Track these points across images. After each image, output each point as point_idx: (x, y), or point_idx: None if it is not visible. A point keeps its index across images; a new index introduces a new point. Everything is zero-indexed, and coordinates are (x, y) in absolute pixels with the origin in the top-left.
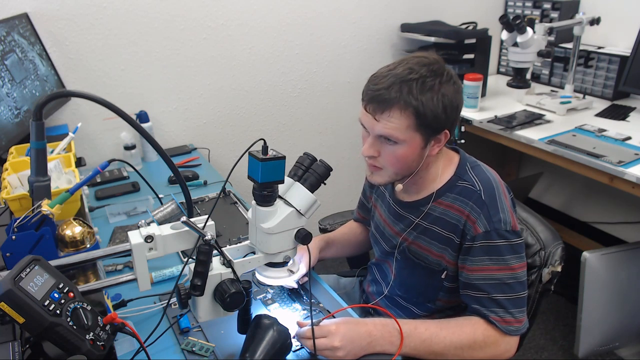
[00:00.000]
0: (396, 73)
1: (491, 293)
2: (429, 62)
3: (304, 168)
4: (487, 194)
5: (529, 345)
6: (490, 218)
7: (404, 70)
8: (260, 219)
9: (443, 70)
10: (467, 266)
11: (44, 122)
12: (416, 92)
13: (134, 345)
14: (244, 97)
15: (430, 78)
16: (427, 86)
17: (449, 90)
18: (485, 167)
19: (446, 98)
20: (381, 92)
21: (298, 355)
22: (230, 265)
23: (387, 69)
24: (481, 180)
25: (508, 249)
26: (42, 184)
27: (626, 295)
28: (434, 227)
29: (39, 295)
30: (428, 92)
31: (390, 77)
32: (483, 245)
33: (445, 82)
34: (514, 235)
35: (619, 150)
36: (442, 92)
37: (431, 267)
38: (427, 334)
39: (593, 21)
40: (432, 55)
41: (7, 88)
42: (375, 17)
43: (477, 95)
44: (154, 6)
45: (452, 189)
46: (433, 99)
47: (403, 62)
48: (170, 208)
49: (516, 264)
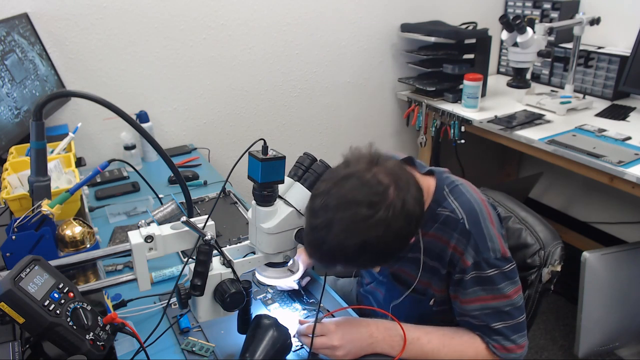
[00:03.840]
0: (331, 240)
1: (490, 323)
2: (369, 214)
3: (304, 168)
4: (471, 223)
5: (529, 345)
6: (478, 248)
7: (337, 236)
8: (260, 219)
9: (386, 213)
10: (460, 298)
11: (44, 122)
12: (356, 256)
13: (134, 345)
14: (244, 97)
15: (369, 236)
16: (368, 246)
17: (395, 231)
18: (464, 185)
19: (394, 243)
20: (319, 258)
21: (298, 355)
22: (230, 265)
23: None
24: (462, 205)
25: (501, 277)
26: (42, 184)
27: (626, 295)
28: (419, 256)
29: (39, 295)
30: (369, 251)
31: (326, 245)
32: (474, 276)
33: (390, 227)
34: (505, 262)
35: (619, 150)
36: (385, 241)
37: (418, 294)
38: (429, 347)
39: (593, 21)
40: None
41: (7, 88)
42: (375, 17)
43: (477, 95)
44: (154, 6)
45: (434, 217)
46: (375, 254)
47: (338, 220)
48: (170, 208)
49: (511, 290)
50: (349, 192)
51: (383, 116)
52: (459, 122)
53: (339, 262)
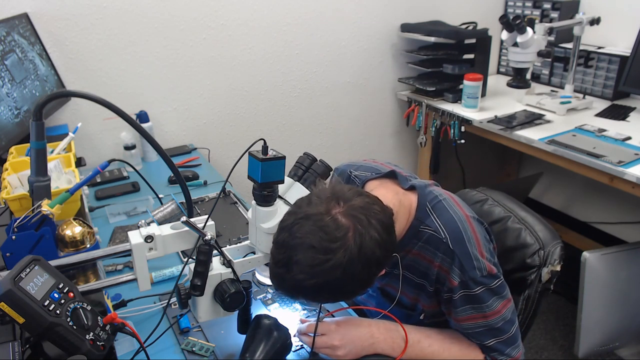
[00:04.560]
0: (292, 281)
1: (483, 341)
2: (326, 259)
3: (304, 168)
4: (454, 242)
5: (529, 345)
6: (463, 268)
7: (297, 279)
8: (260, 219)
9: (345, 255)
10: (453, 315)
11: (44, 122)
12: (320, 294)
13: (134, 345)
14: (244, 97)
15: (329, 279)
16: (331, 286)
17: (358, 271)
18: (447, 200)
19: (359, 278)
20: (285, 294)
21: (298, 355)
22: (230, 265)
23: (283, 265)
24: (445, 224)
25: (488, 294)
26: (42, 184)
27: (626, 295)
28: (404, 272)
29: (39, 296)
30: (333, 290)
31: (288, 286)
32: (463, 295)
33: (350, 267)
34: (492, 278)
35: (619, 150)
36: (349, 279)
37: (407, 309)
38: (429, 351)
39: (593, 21)
40: (331, 232)
41: (7, 88)
42: (375, 17)
43: (477, 96)
44: (154, 6)
45: (417, 235)
46: (340, 291)
47: (297, 262)
48: (170, 208)
49: (499, 304)
50: (305, 236)
51: (383, 116)
52: (459, 122)
53: (301, 298)
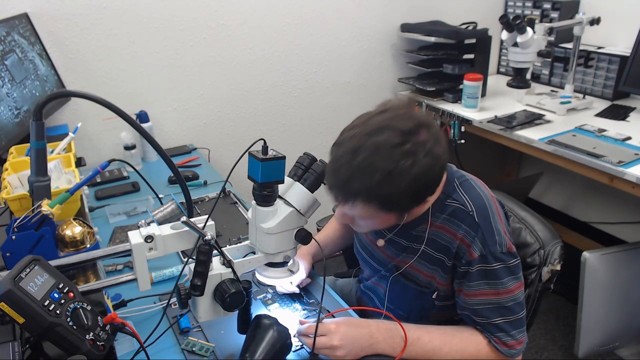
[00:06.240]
0: (357, 164)
1: (491, 318)
2: (400, 142)
3: (304, 168)
4: (480, 216)
5: (529, 345)
6: (485, 242)
7: (365, 160)
8: (260, 219)
9: (416, 147)
10: (464, 290)
11: (44, 122)
12: (379, 186)
13: (134, 345)
14: (244, 97)
15: (397, 165)
16: (394, 176)
17: (422, 169)
18: (474, 180)
19: (418, 183)
20: (341, 184)
21: (298, 355)
22: (230, 265)
23: (349, 152)
24: (472, 199)
25: (505, 272)
26: (42, 184)
27: (626, 295)
28: (424, 247)
29: (39, 296)
30: (394, 182)
31: (350, 169)
32: (480, 269)
33: (417, 162)
34: (510, 256)
35: (619, 150)
36: (412, 176)
37: (421, 287)
38: (430, 347)
39: (593, 21)
40: (407, 121)
41: (7, 88)
42: (375, 17)
43: (477, 96)
44: (154, 6)
45: (442, 209)
46: (399, 189)
47: (368, 145)
48: (170, 208)
49: (514, 285)
50: (383, 121)
51: None
52: (459, 122)
53: (358, 194)
